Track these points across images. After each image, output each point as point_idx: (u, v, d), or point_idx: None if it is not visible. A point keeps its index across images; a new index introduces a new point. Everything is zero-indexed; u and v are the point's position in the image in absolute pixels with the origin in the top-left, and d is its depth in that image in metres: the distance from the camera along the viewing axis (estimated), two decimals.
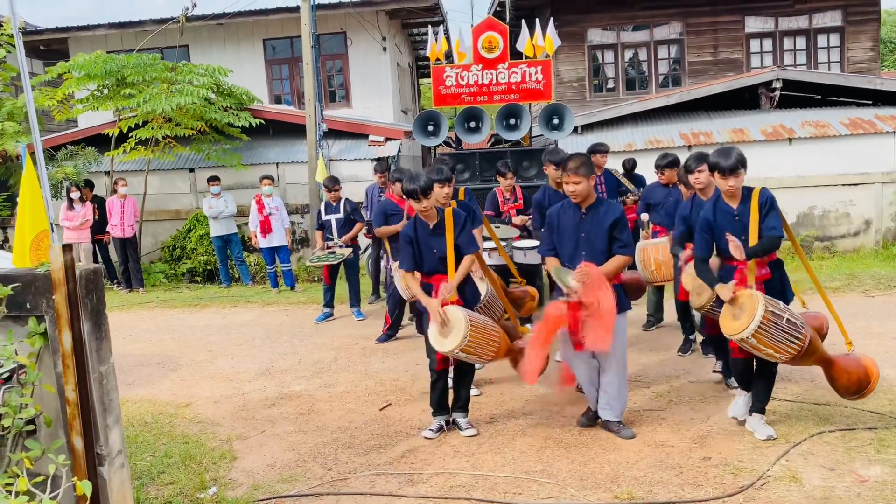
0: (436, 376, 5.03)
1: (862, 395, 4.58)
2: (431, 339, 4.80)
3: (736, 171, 4.42)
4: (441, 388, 5.05)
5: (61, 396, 3.11)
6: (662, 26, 15.62)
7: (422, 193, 4.83)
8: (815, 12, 15.26)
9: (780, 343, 4.25)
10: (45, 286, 3.05)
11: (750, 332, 4.19)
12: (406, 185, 4.87)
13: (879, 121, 11.52)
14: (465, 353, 4.73)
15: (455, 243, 4.91)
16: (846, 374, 4.53)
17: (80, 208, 11.09)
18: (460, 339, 4.62)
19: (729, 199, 4.56)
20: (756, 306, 4.20)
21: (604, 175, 8.79)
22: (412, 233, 5.00)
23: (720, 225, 4.56)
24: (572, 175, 4.68)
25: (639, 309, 8.15)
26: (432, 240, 4.95)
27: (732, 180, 4.44)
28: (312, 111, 12.22)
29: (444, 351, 4.74)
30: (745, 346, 4.33)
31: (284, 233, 10.73)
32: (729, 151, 4.48)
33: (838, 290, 8.79)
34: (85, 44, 15.41)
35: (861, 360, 4.57)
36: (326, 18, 14.77)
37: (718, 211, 4.59)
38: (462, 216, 5.02)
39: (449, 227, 4.92)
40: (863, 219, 11.51)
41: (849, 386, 4.56)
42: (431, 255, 4.96)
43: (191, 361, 7.40)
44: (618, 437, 4.74)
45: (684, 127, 12.29)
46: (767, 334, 4.21)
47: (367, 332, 8.11)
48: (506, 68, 8.69)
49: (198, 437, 5.24)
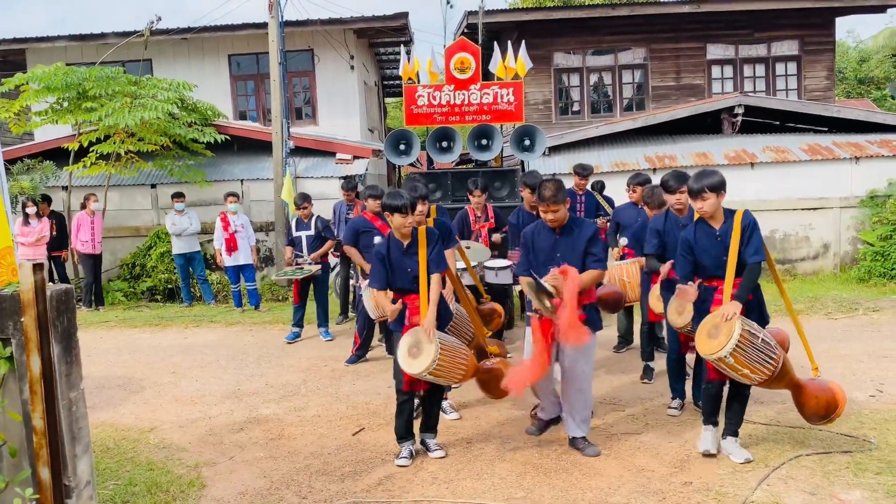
0: (404, 397, 4.90)
1: (830, 420, 4.61)
2: (400, 360, 4.70)
3: (701, 193, 4.44)
4: (408, 411, 4.93)
5: (27, 424, 2.93)
6: (626, 51, 15.91)
7: (410, 209, 4.80)
8: (773, 41, 15.71)
9: (757, 363, 4.27)
10: (12, 307, 2.89)
11: (727, 350, 4.20)
12: (390, 201, 4.79)
13: (837, 147, 11.84)
14: (434, 376, 4.66)
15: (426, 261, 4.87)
16: (815, 398, 4.56)
17: (36, 224, 10.73)
18: (430, 361, 4.56)
19: (710, 219, 4.57)
20: (733, 325, 4.22)
21: (585, 196, 8.89)
22: (385, 251, 4.91)
23: (702, 245, 4.58)
24: (550, 205, 4.70)
25: (609, 331, 8.19)
26: (406, 259, 4.88)
27: (700, 202, 4.48)
28: (279, 128, 12.08)
29: (413, 372, 4.64)
30: (722, 366, 4.34)
31: (250, 251, 10.53)
32: (702, 175, 4.51)
33: (801, 313, 8.93)
34: (44, 55, 15.04)
35: (829, 385, 4.60)
36: (294, 35, 14.68)
37: (700, 231, 4.61)
38: (435, 235, 4.99)
39: (422, 246, 4.87)
40: (822, 242, 11.78)
41: (817, 411, 4.58)
42: (405, 274, 4.88)
43: (154, 383, 7.15)
44: (594, 460, 4.72)
45: (649, 150, 12.47)
46: (744, 354, 4.23)
47: (336, 353, 7.96)
48: (478, 89, 8.71)
49: (163, 463, 5.04)
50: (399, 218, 4.79)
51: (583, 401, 4.89)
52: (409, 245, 4.89)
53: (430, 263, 4.84)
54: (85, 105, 11.35)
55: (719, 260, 4.49)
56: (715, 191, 4.44)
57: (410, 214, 4.81)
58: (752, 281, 4.42)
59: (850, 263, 11.65)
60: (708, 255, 4.55)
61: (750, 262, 4.43)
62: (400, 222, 4.81)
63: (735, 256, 4.44)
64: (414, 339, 4.70)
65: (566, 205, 4.76)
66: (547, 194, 4.69)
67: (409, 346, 4.68)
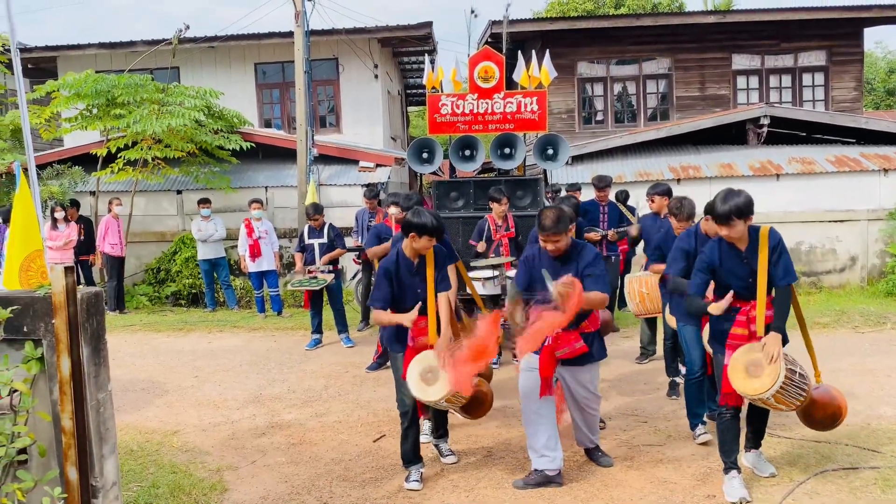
0: (409, 422, 4.67)
1: (833, 427, 4.51)
2: (413, 387, 4.43)
3: (729, 220, 4.08)
4: (414, 435, 4.70)
5: (56, 425, 2.99)
6: (651, 61, 15.85)
7: (437, 235, 4.54)
8: (800, 51, 15.57)
9: (792, 398, 4.12)
10: (44, 309, 2.94)
11: (771, 393, 4.00)
12: (422, 222, 4.47)
13: (865, 159, 11.69)
14: (448, 403, 4.49)
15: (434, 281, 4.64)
16: (822, 409, 4.41)
17: (64, 228, 10.91)
18: (448, 389, 4.33)
19: (735, 240, 4.26)
20: (778, 366, 4.00)
21: (608, 206, 8.86)
22: (393, 268, 4.62)
23: (727, 268, 4.26)
24: (551, 235, 4.45)
25: (632, 341, 8.15)
26: (416, 280, 4.64)
27: (726, 229, 4.13)
28: (304, 136, 12.18)
29: (428, 400, 4.42)
30: (759, 403, 4.15)
31: (273, 257, 10.63)
32: (729, 196, 4.11)
33: (828, 326, 8.83)
34: (74, 63, 15.31)
35: (832, 394, 4.45)
36: (319, 44, 14.80)
37: (724, 253, 4.28)
38: (443, 253, 4.76)
39: (430, 265, 4.63)
40: (849, 255, 11.62)
41: (823, 420, 4.45)
42: (415, 295, 4.60)
43: (177, 387, 7.22)
44: (616, 471, 4.69)
45: (673, 160, 12.39)
46: (784, 392, 4.06)
47: (357, 360, 7.99)
48: (501, 98, 8.70)
49: (186, 466, 5.09)
50: (426, 241, 4.51)
51: (592, 418, 4.83)
52: (417, 265, 4.65)
53: (437, 283, 4.63)
54: (113, 112, 11.53)
55: (746, 282, 4.22)
56: (743, 217, 4.08)
57: (435, 238, 4.55)
58: (786, 306, 4.17)
59: (877, 277, 11.48)
60: (734, 276, 4.24)
61: (782, 286, 4.15)
62: (426, 244, 4.53)
63: (765, 278, 4.15)
64: (427, 365, 4.45)
65: (568, 234, 4.54)
66: (547, 224, 4.43)
67: (422, 372, 4.43)
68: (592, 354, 4.65)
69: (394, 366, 4.79)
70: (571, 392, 4.72)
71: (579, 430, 4.88)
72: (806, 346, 4.62)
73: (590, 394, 4.74)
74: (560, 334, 4.48)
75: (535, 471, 4.55)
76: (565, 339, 4.52)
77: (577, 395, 4.72)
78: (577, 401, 4.74)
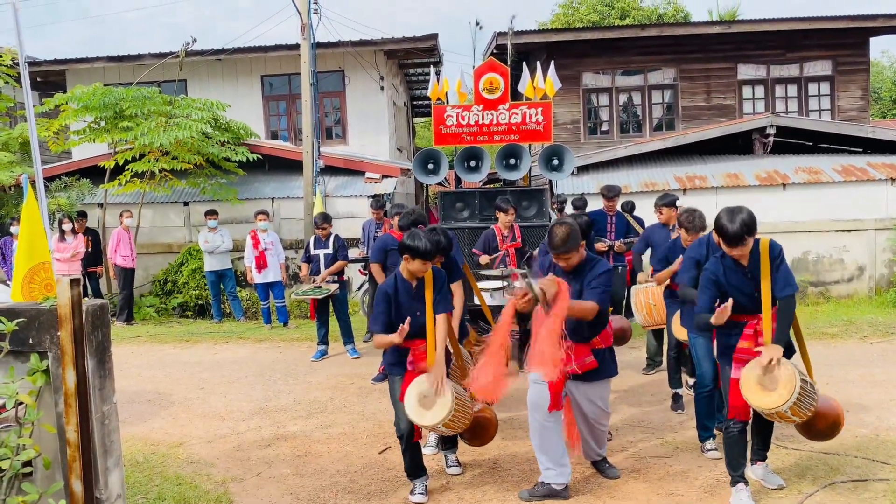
0: (405, 445, 4.58)
1: (832, 437, 4.48)
2: (410, 412, 4.38)
3: (742, 240, 4.04)
4: (412, 454, 4.62)
5: (61, 437, 2.99)
6: (656, 71, 15.86)
7: (433, 255, 4.53)
8: (805, 61, 15.55)
9: (805, 409, 4.08)
10: (49, 322, 2.95)
11: (788, 405, 3.95)
12: (414, 244, 4.42)
13: (872, 168, 11.65)
14: (446, 427, 4.42)
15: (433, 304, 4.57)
16: (823, 419, 4.36)
17: (71, 240, 10.96)
18: (446, 413, 4.28)
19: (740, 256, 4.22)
20: (794, 379, 3.97)
21: (616, 217, 8.85)
22: (391, 291, 4.56)
23: (732, 283, 4.23)
24: (561, 254, 4.42)
25: (639, 352, 8.11)
26: (415, 303, 4.56)
27: (738, 250, 4.09)
28: (310, 147, 12.23)
29: (425, 424, 4.36)
30: (775, 417, 4.10)
31: (279, 268, 10.65)
32: (734, 214, 4.06)
33: (836, 337, 8.78)
34: (82, 76, 15.44)
35: (832, 404, 4.41)
36: (325, 56, 14.89)
37: (727, 268, 4.25)
38: (442, 276, 4.68)
39: (428, 287, 4.56)
40: (856, 265, 11.56)
41: (823, 430, 4.41)
42: (414, 318, 4.48)
43: (183, 399, 7.23)
44: (622, 484, 4.66)
45: (679, 170, 12.38)
46: (799, 403, 4.02)
47: (363, 371, 7.98)
48: (506, 109, 8.72)
49: (192, 478, 5.08)
50: (419, 264, 4.46)
51: (600, 433, 4.80)
52: (417, 287, 4.58)
53: (436, 305, 4.55)
54: (121, 124, 11.62)
55: (751, 296, 4.20)
56: (752, 234, 4.07)
57: (431, 262, 4.52)
58: (789, 317, 4.13)
59: (885, 286, 11.41)
60: (738, 291, 4.21)
61: (783, 297, 4.13)
62: (420, 268, 4.48)
63: (768, 290, 4.15)
64: (425, 389, 4.39)
65: (580, 249, 4.48)
66: (556, 243, 4.39)
67: (419, 397, 4.38)
68: (603, 371, 4.62)
69: (391, 388, 4.71)
70: (580, 407, 4.69)
71: (587, 443, 4.85)
72: (801, 355, 4.52)
73: (599, 410, 4.70)
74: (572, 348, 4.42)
75: (542, 483, 4.52)
76: (576, 354, 4.47)
77: (585, 411, 4.69)
78: (585, 416, 4.71)
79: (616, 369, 4.75)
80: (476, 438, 4.88)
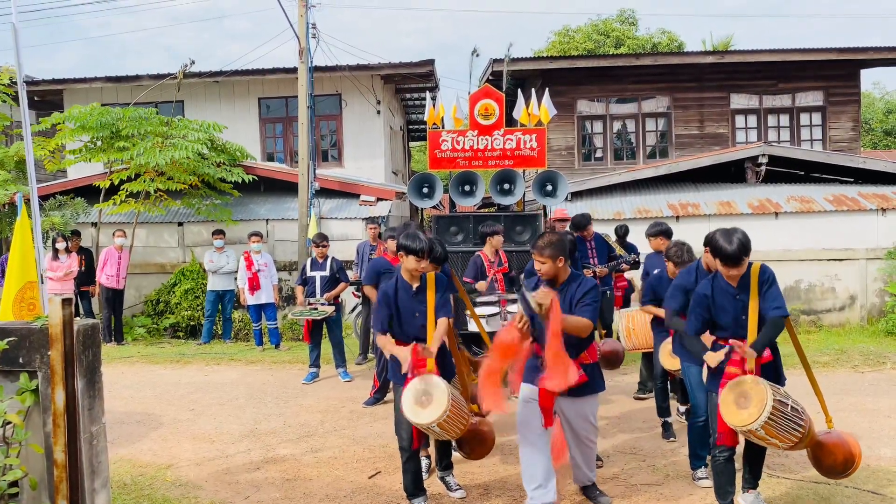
0: (408, 455, 4.66)
1: (847, 475, 4.41)
2: (406, 410, 4.41)
3: (741, 260, 4.14)
4: (414, 468, 4.69)
5: (49, 457, 2.97)
6: (650, 100, 16.04)
7: (426, 253, 4.66)
8: (797, 92, 15.77)
9: (786, 432, 4.06)
10: (40, 341, 2.95)
11: (759, 423, 3.96)
12: (407, 242, 4.63)
13: (863, 198, 11.76)
14: (440, 428, 4.43)
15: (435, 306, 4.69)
16: (833, 455, 4.32)
17: (65, 259, 10.94)
18: (441, 412, 4.30)
19: (733, 277, 4.29)
20: (764, 395, 3.98)
21: (594, 241, 8.83)
22: (392, 293, 4.73)
23: (720, 304, 4.31)
24: (538, 254, 4.47)
25: (630, 378, 8.11)
26: (415, 303, 4.70)
27: (735, 270, 4.18)
28: (306, 170, 12.28)
29: (420, 422, 4.39)
30: (752, 437, 4.10)
31: (272, 290, 10.64)
32: (730, 235, 4.16)
33: (827, 366, 8.79)
34: (80, 96, 15.52)
35: (845, 439, 4.37)
36: (322, 80, 15.01)
37: (717, 289, 4.33)
38: (444, 281, 4.83)
39: (431, 290, 4.70)
40: (848, 294, 11.61)
41: (835, 466, 4.36)
42: (413, 320, 4.66)
43: (172, 420, 7.18)
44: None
45: (672, 198, 12.47)
46: (775, 424, 4.01)
47: (355, 395, 7.94)
48: (501, 135, 8.80)
49: (179, 501, 5.04)
50: (413, 261, 4.65)
51: (590, 451, 4.78)
52: (417, 289, 4.73)
53: (438, 309, 4.68)
54: (117, 144, 11.65)
55: (739, 319, 4.24)
56: (748, 255, 4.14)
57: (425, 260, 4.67)
58: (773, 333, 4.16)
59: (877, 316, 11.46)
60: (726, 314, 4.28)
61: (772, 316, 4.15)
62: (413, 265, 4.66)
63: (756, 314, 4.19)
64: (423, 387, 4.44)
65: (558, 262, 4.46)
66: (538, 242, 4.49)
67: (416, 395, 4.40)
68: (592, 385, 4.62)
69: (395, 396, 4.76)
70: (570, 424, 4.67)
71: (578, 468, 4.83)
72: (812, 388, 4.53)
73: (589, 425, 4.69)
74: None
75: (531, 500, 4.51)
76: None
77: (576, 427, 4.67)
78: (576, 433, 4.67)
79: (604, 384, 4.78)
80: (473, 451, 4.88)
